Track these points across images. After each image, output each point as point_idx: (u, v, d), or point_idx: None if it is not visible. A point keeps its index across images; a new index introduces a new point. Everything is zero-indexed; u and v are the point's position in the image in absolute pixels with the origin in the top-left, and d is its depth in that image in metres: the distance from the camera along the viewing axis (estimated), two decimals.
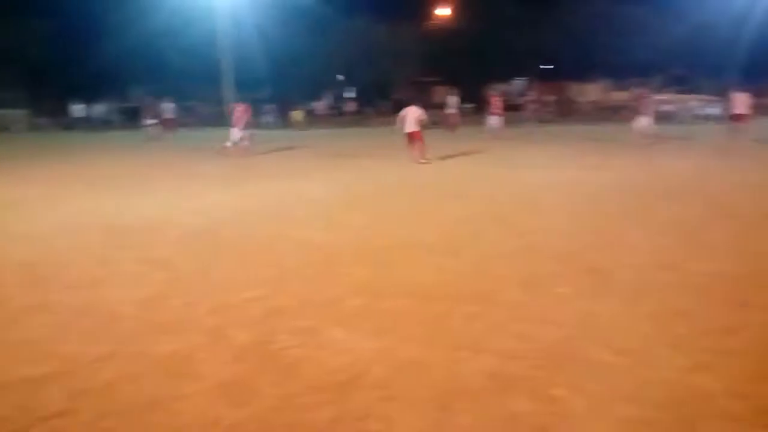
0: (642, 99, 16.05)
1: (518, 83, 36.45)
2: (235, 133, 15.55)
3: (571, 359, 3.32)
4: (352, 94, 38.73)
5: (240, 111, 15.72)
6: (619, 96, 28.89)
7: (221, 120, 25.41)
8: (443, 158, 13.47)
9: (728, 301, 4.06)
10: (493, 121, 18.96)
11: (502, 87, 38.64)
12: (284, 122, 30.56)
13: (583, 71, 33.57)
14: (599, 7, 32.80)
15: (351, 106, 35.40)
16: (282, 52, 33.46)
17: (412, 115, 13.13)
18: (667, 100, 27.57)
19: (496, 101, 19.12)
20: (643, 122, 15.50)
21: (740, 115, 15.15)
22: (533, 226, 6.65)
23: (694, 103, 26.58)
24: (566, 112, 28.89)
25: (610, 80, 33.19)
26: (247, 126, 15.76)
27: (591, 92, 33.89)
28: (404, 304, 4.22)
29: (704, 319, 3.80)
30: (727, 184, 9.22)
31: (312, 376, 3.19)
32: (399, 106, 16.08)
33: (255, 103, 21.08)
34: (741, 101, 15.25)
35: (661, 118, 24.05)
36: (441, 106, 24.99)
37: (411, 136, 13.15)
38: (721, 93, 19.46)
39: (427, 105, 17.47)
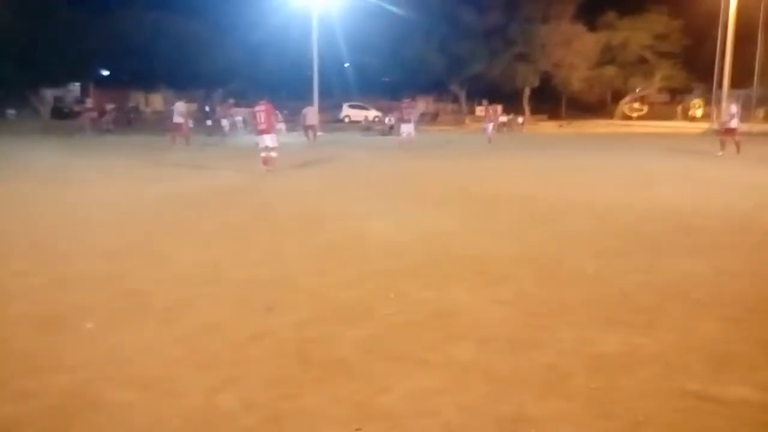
0: (405, 108, 18.58)
1: (75, 89, 33.15)
2: None
3: (85, 408, 2.83)
4: None
5: None
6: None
7: None
8: None
9: (257, 308, 4.21)
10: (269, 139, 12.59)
11: (55, 92, 34.50)
12: None
13: (146, 80, 32.76)
14: (157, 18, 32.49)
15: None
16: None
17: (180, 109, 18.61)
18: (237, 112, 29.31)
19: (262, 115, 12.73)
20: (407, 129, 17.95)
21: (310, 125, 20.78)
22: (71, 251, 5.81)
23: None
24: (128, 121, 27.63)
25: (173, 91, 33.34)
26: None
27: (155, 102, 33.37)
28: None
29: (234, 330, 3.81)
30: (270, 193, 10.08)
31: None
32: None
33: None
34: (312, 114, 20.99)
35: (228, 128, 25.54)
36: None
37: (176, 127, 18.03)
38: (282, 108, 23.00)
39: None
